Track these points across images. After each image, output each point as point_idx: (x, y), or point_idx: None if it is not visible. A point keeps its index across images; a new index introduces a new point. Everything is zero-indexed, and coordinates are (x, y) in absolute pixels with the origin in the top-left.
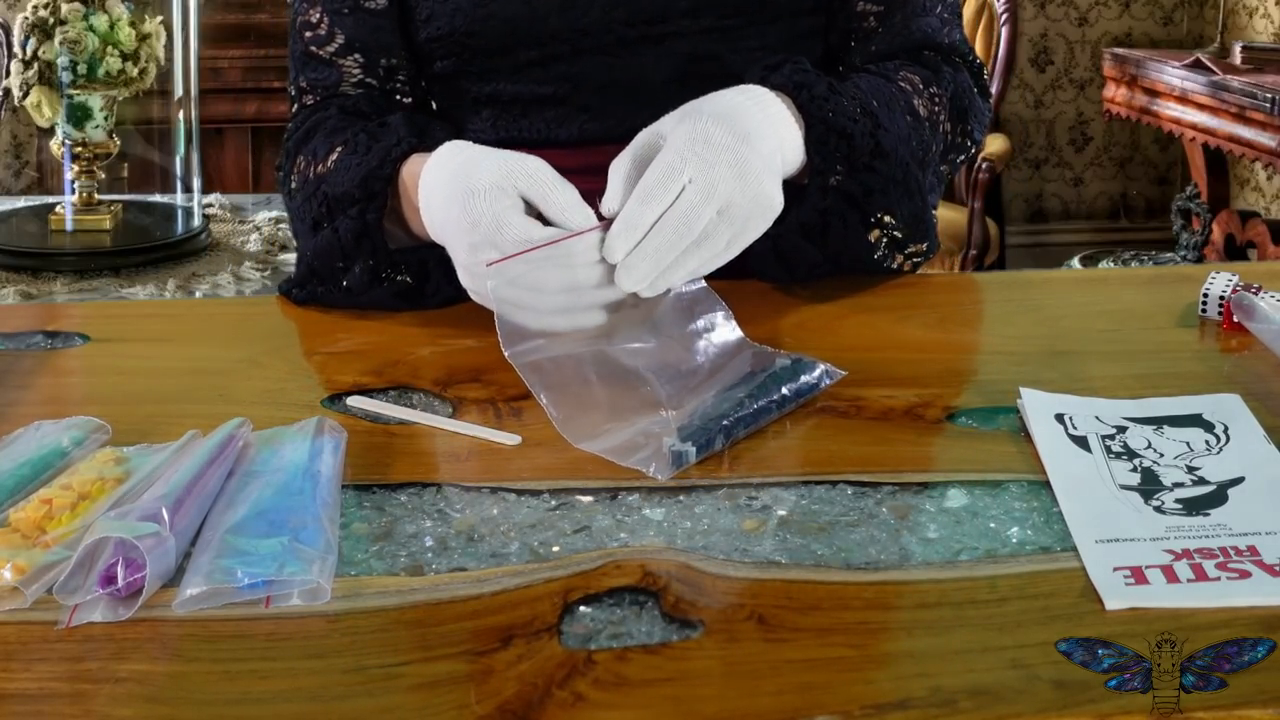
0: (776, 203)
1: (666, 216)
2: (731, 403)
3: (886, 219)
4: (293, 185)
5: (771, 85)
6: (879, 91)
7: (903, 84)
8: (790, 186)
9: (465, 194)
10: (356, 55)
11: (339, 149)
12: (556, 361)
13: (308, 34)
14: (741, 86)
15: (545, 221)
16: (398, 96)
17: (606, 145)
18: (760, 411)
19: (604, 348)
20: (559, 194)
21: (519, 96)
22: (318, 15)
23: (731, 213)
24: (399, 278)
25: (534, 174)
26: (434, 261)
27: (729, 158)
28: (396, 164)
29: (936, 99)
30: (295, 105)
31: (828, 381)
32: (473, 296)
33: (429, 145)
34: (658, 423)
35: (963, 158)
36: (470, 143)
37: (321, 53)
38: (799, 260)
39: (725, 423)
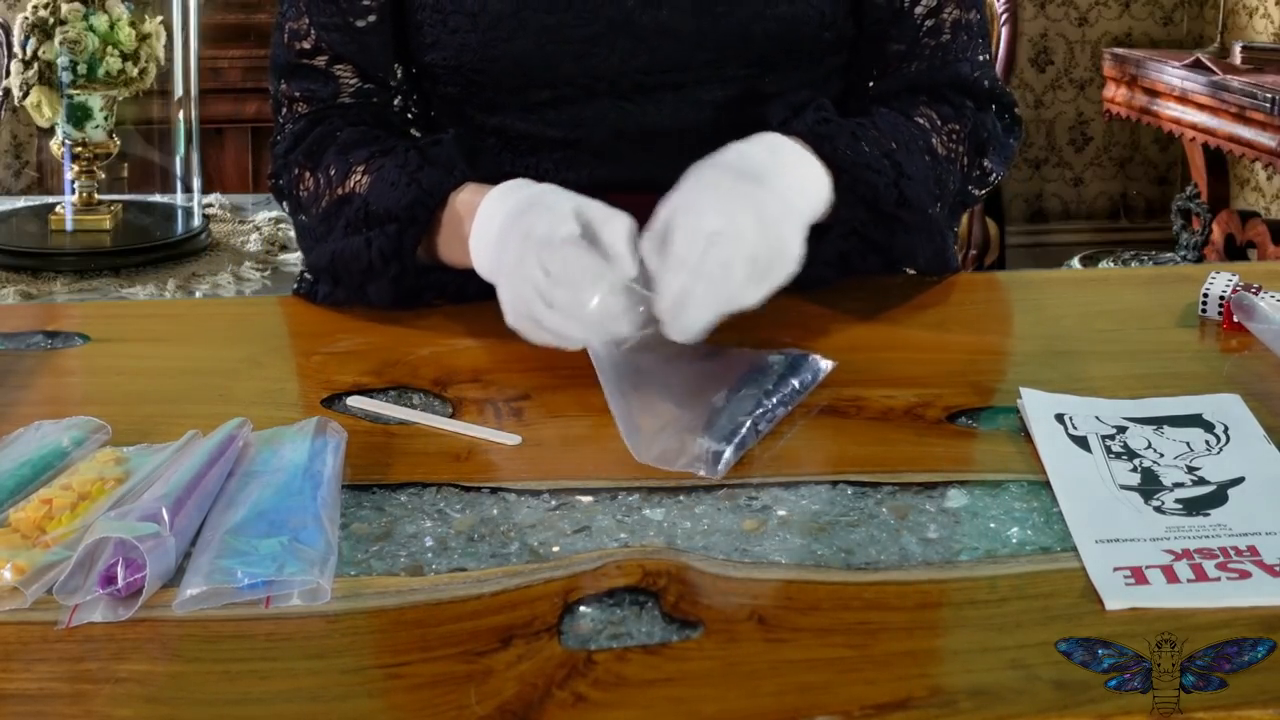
0: (794, 251)
1: (701, 274)
2: (751, 401)
3: (907, 264)
4: (301, 198)
5: (791, 132)
6: (898, 132)
7: (920, 121)
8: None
9: (527, 206)
10: (353, 68)
11: (363, 165)
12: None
13: (296, 44)
14: (754, 135)
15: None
16: (395, 108)
17: (616, 193)
18: (779, 405)
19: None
20: (612, 225)
21: (527, 134)
22: (305, 26)
23: (757, 263)
24: (414, 298)
25: (593, 203)
26: (453, 288)
27: (743, 202)
28: (448, 194)
29: (954, 134)
30: (283, 111)
31: (824, 369)
32: (509, 320)
33: (480, 176)
34: (684, 425)
35: (981, 191)
36: (531, 180)
37: (315, 62)
38: (813, 284)
39: (753, 420)
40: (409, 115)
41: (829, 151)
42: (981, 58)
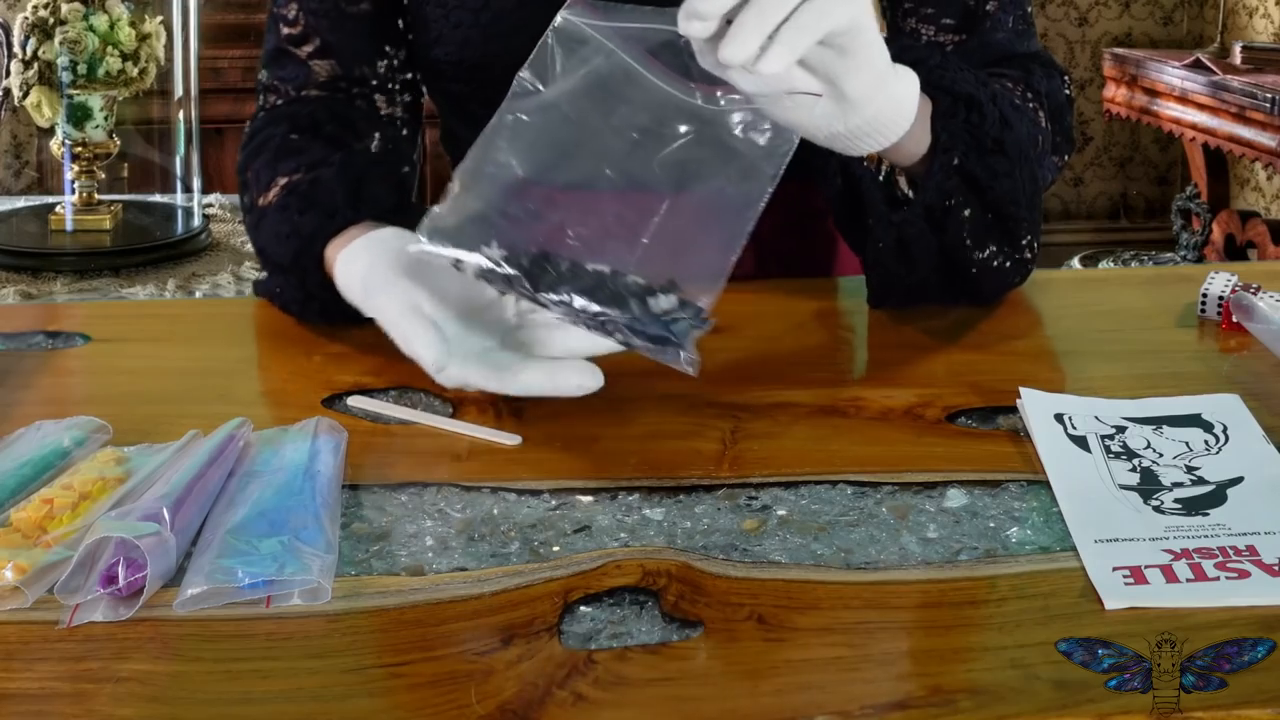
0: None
1: None
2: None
3: (1009, 210)
4: (245, 201)
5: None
6: (978, 75)
7: (995, 85)
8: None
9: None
10: (331, 62)
11: (278, 187)
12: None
13: (284, 30)
14: None
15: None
16: (365, 108)
17: (610, 191)
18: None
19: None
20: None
21: None
22: (294, 12)
23: None
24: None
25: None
26: None
27: None
28: (326, 240)
29: (1030, 99)
30: (259, 100)
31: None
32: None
33: (365, 210)
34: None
35: (1063, 160)
36: (363, 246)
37: (297, 52)
38: (921, 252)
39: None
40: (387, 111)
41: (924, 73)
42: (1022, 25)
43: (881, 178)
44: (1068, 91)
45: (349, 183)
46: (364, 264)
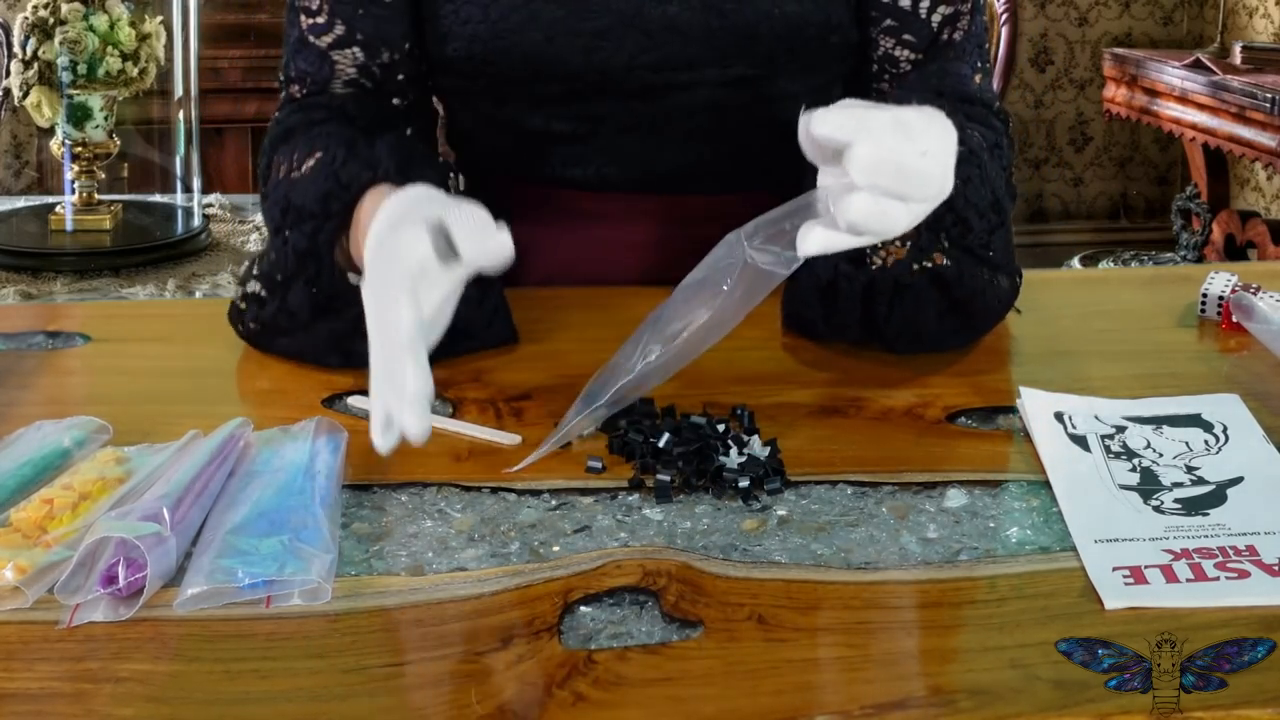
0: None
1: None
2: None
3: (1004, 264)
4: (265, 188)
5: None
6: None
7: (973, 134)
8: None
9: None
10: (355, 50)
11: (317, 155)
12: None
13: (305, 20)
14: None
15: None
16: (393, 99)
17: (621, 192)
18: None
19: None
20: (465, 211)
21: (537, 129)
22: (318, 3)
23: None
24: (333, 312)
25: (444, 200)
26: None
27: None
28: (362, 190)
29: (995, 153)
30: (283, 94)
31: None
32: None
33: (408, 179)
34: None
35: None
36: (426, 186)
37: (318, 42)
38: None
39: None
40: (414, 97)
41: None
42: (980, 63)
43: None
44: (1008, 137)
45: (398, 156)
46: (413, 196)
